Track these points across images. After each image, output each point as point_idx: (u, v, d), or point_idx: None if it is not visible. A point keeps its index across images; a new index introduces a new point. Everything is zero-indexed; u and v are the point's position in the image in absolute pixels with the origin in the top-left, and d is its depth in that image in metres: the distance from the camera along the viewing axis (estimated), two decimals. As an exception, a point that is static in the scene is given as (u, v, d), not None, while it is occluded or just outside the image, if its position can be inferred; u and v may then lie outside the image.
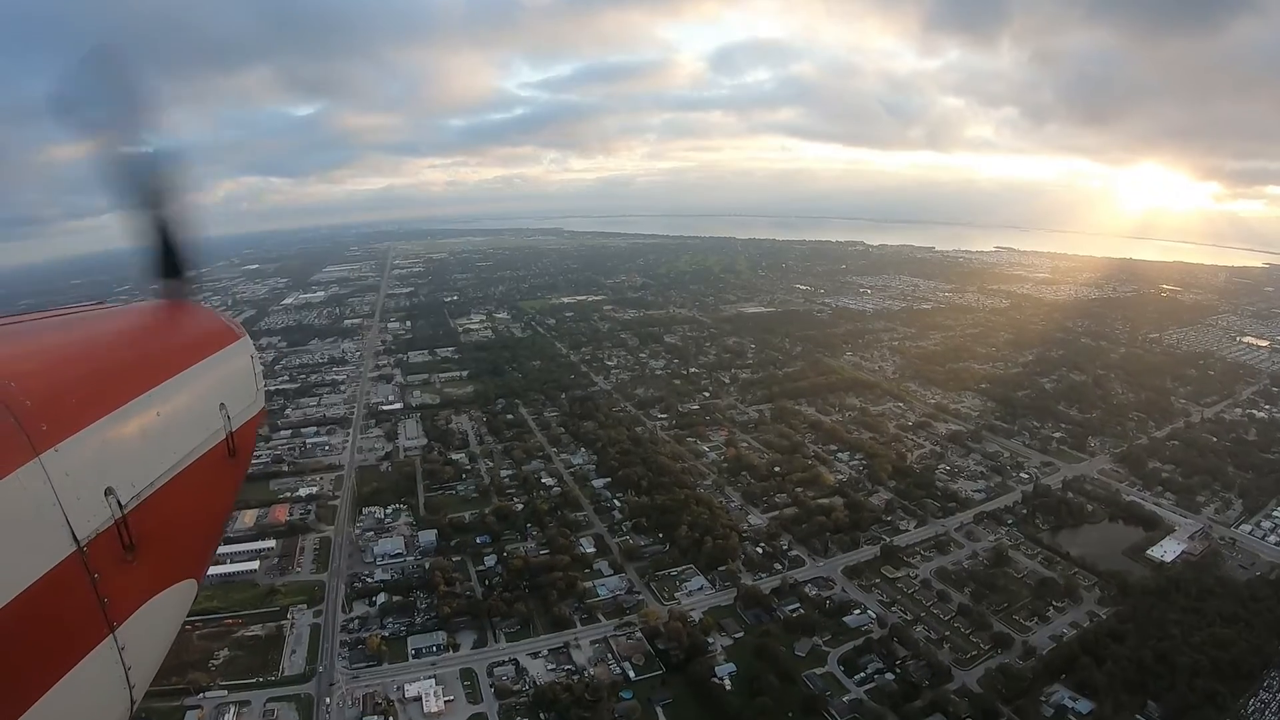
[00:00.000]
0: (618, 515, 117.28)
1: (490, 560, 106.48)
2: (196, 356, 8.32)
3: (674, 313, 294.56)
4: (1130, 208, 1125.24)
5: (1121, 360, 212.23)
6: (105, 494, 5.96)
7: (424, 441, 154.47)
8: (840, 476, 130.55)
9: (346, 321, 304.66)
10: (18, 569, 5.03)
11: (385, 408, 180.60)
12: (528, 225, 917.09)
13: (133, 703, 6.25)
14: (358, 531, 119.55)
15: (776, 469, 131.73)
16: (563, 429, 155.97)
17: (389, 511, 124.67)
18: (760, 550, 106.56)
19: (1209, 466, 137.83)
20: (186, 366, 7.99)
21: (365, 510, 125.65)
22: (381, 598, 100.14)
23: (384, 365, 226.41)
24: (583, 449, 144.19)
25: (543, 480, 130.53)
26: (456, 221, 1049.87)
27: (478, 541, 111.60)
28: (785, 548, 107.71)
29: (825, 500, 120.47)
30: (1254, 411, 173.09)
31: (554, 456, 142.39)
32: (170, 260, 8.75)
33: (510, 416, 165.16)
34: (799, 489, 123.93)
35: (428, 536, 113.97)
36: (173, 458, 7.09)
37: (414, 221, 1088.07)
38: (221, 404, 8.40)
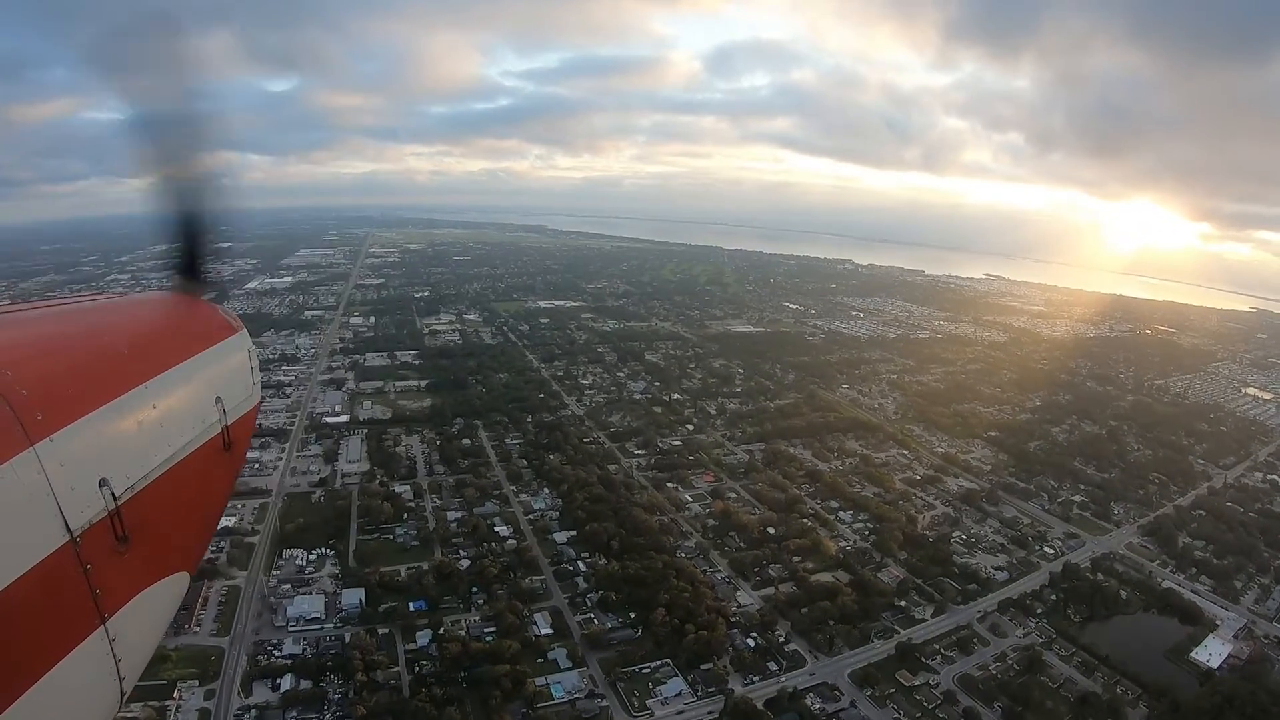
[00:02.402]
0: (582, 584, 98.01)
1: (424, 637, 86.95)
2: (194, 349, 8.23)
3: (657, 326, 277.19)
4: (1118, 243, 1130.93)
5: (1131, 410, 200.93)
6: (99, 485, 5.92)
7: (366, 466, 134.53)
8: (844, 544, 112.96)
9: (308, 313, 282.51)
10: (10, 559, 5.02)
11: (330, 420, 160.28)
12: (511, 221, 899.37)
13: (122, 695, 6.21)
14: (273, 583, 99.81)
15: (770, 530, 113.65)
16: (525, 462, 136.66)
17: (313, 557, 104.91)
18: (752, 642, 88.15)
19: (1241, 545, 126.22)
20: (184, 359, 7.88)
21: (286, 553, 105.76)
22: (287, 681, 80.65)
23: (337, 367, 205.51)
24: (546, 489, 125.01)
25: (496, 529, 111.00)
26: (440, 212, 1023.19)
27: (411, 609, 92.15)
28: (782, 640, 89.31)
29: (828, 576, 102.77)
30: (1275, 477, 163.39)
31: (512, 497, 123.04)
32: (191, 260, 8.81)
33: (467, 441, 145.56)
34: (796, 558, 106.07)
35: (352, 598, 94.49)
36: (168, 450, 7.03)
37: (398, 209, 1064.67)
38: (218, 397, 8.27)
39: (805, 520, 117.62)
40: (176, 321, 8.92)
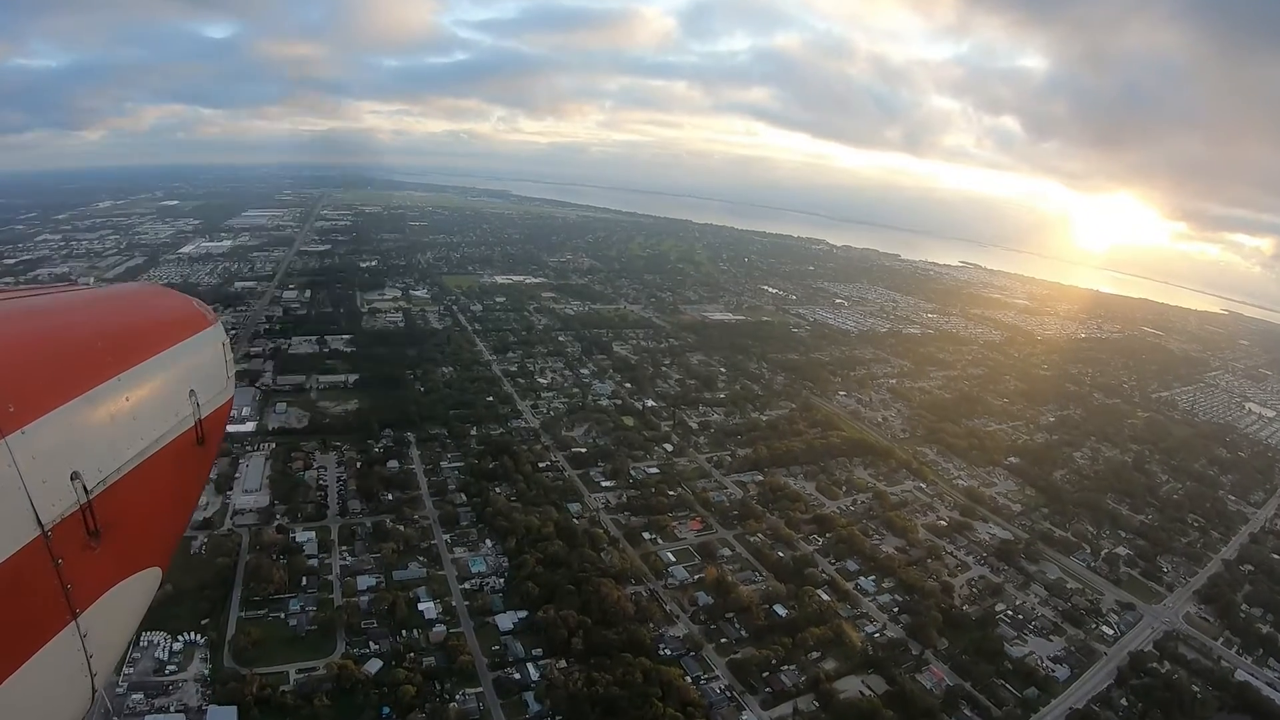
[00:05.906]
0: (533, 704, 71.65)
1: (304, 796, 60.99)
2: (168, 342, 7.93)
3: (626, 310, 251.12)
4: (1090, 237, 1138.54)
5: (1147, 430, 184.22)
6: (71, 478, 5.74)
7: (266, 500, 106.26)
8: (870, 628, 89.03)
9: (239, 283, 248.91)
10: None
11: (232, 429, 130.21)
12: (474, 185, 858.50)
13: (94, 691, 6.09)
14: (122, 688, 72.11)
15: (779, 610, 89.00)
16: (464, 496, 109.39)
17: (178, 648, 77.08)
18: (768, 808, 64.14)
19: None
20: (157, 352, 7.63)
21: (145, 639, 77.46)
22: None
23: (256, 355, 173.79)
24: (489, 541, 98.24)
25: (420, 607, 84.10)
26: (402, 173, 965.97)
27: (294, 744, 65.86)
28: (808, 802, 65.45)
29: (856, 681, 78.76)
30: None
31: (444, 553, 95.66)
32: None
33: (395, 464, 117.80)
34: (815, 655, 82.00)
35: (218, 721, 67.50)
36: (141, 444, 6.81)
37: (360, 168, 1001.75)
38: (191, 391, 7.94)
39: (820, 592, 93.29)
40: (150, 313, 8.54)
